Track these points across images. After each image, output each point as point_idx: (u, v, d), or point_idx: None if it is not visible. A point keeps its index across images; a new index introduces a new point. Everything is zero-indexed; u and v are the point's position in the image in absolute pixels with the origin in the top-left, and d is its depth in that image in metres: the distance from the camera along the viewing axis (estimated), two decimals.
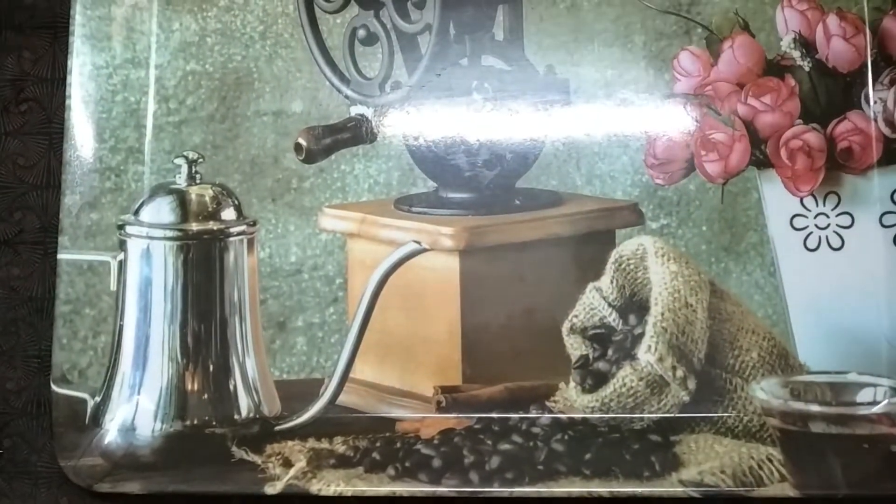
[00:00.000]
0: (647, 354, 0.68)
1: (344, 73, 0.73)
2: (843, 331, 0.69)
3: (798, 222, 0.71)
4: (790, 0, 0.72)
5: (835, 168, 0.71)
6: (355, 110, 0.72)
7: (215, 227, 0.68)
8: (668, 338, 0.68)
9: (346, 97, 0.72)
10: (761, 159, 0.71)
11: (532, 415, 0.69)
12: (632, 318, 0.70)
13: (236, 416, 0.69)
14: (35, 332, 0.72)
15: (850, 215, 0.71)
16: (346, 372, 0.69)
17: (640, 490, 0.67)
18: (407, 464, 0.67)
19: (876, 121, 0.71)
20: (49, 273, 0.72)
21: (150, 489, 0.68)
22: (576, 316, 0.70)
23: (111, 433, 0.69)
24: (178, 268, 0.68)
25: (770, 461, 0.67)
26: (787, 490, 0.66)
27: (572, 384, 0.69)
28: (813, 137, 0.71)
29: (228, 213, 0.69)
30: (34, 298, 0.72)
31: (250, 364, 0.69)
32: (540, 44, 0.72)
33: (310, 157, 0.71)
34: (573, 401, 0.69)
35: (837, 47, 0.71)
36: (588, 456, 0.67)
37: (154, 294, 0.68)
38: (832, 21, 0.72)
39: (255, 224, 0.70)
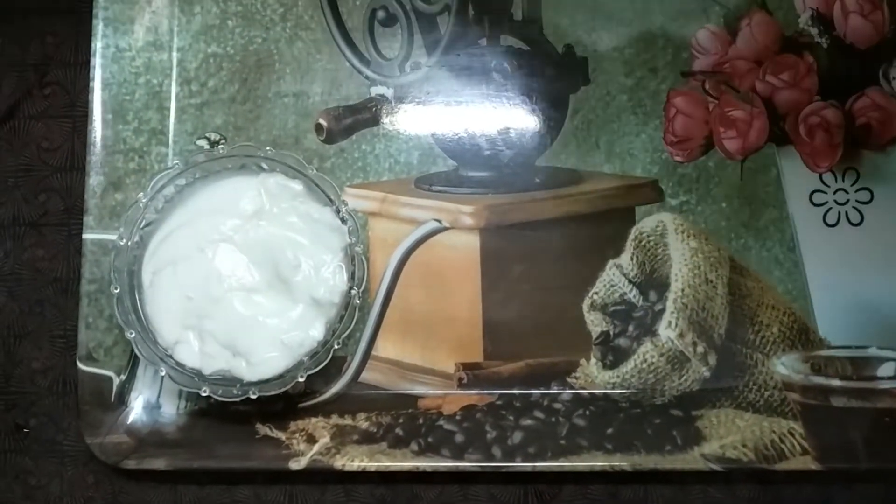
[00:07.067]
0: (668, 330, 0.68)
1: (364, 55, 0.73)
2: (863, 305, 0.69)
3: (817, 198, 0.71)
4: None
5: (854, 144, 0.71)
6: (375, 90, 0.72)
7: None
8: (688, 314, 0.69)
9: (367, 78, 0.73)
10: (780, 136, 0.71)
11: (553, 391, 0.69)
12: (652, 295, 0.70)
13: None
14: (60, 312, 0.72)
15: (870, 191, 0.71)
16: (369, 349, 0.70)
17: (661, 464, 0.67)
18: (430, 439, 0.68)
19: (895, 97, 0.71)
20: (73, 254, 0.72)
21: (176, 466, 0.68)
22: (596, 293, 0.70)
23: (136, 411, 0.70)
24: None
25: (791, 435, 0.67)
26: (809, 463, 0.67)
27: (593, 360, 0.70)
28: (831, 114, 0.71)
29: None
30: (59, 279, 0.73)
31: None
32: (558, 24, 0.73)
33: (330, 137, 0.72)
34: (594, 377, 0.69)
35: (855, 24, 0.71)
36: (610, 431, 0.68)
37: None
38: None
39: None
